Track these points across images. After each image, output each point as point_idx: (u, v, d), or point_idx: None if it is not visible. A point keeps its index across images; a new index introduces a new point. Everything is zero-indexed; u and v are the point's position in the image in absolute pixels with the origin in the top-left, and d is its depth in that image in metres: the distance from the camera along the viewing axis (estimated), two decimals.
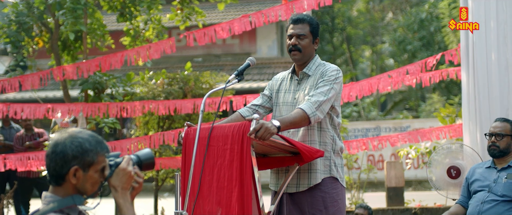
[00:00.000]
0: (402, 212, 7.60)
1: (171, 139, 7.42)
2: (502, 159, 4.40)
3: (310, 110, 3.44)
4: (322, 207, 3.57)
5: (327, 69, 3.65)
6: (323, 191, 3.59)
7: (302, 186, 3.61)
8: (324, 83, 3.57)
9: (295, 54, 3.69)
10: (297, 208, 3.62)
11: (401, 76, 6.63)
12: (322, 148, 3.60)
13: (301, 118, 3.43)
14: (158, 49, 7.36)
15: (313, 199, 3.58)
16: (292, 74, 3.80)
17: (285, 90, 3.78)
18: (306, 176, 3.60)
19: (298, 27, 3.68)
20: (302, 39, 3.67)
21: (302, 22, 3.69)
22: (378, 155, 15.22)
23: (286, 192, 3.65)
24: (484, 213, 4.25)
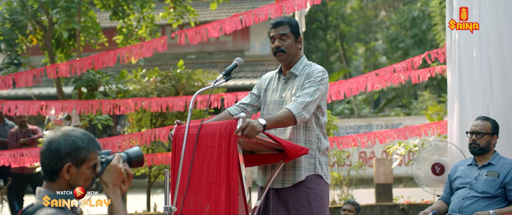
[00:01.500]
0: (390, 208, 7.74)
1: (163, 136, 7.54)
2: (482, 157, 4.54)
3: (296, 110, 3.57)
4: (305, 202, 3.70)
5: (313, 70, 3.77)
6: (307, 187, 3.72)
7: (287, 183, 3.75)
8: (310, 84, 3.70)
9: (280, 55, 3.81)
10: (282, 203, 3.75)
11: (388, 74, 6.77)
12: (308, 146, 3.72)
13: (287, 117, 3.55)
14: (150, 47, 7.48)
15: (297, 195, 3.71)
16: (280, 74, 3.92)
17: (273, 89, 3.91)
18: (291, 173, 3.73)
19: (279, 29, 3.81)
20: (284, 39, 3.80)
21: (282, 24, 3.82)
22: (370, 152, 15.37)
23: (272, 188, 3.79)
24: (464, 209, 4.39)
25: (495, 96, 5.09)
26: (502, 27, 5.13)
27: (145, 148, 8.65)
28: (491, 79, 5.12)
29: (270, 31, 3.86)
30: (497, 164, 4.47)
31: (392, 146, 8.02)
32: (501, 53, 5.11)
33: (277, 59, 3.86)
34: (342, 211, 6.28)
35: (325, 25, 26.25)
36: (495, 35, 5.15)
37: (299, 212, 3.69)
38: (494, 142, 4.55)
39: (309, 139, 3.76)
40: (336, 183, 8.75)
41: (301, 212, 3.69)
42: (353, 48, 29.29)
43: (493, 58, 5.15)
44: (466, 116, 5.26)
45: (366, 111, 21.66)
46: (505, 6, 5.16)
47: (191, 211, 3.53)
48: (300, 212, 3.69)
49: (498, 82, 5.08)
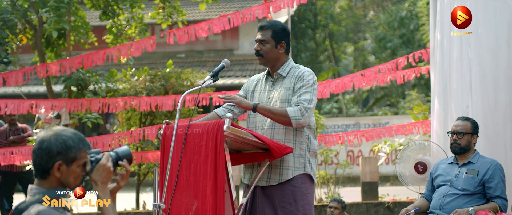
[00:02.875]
0: (376, 206, 7.88)
1: (152, 135, 7.64)
2: (463, 156, 4.67)
3: (294, 113, 3.73)
4: (292, 200, 3.82)
5: (303, 74, 3.89)
6: (293, 186, 3.83)
7: (273, 181, 3.86)
8: (306, 90, 3.83)
9: (260, 59, 3.98)
10: (268, 200, 3.86)
11: (373, 74, 6.90)
12: (298, 147, 3.85)
13: (282, 115, 3.74)
14: (139, 47, 7.58)
15: (284, 192, 3.82)
16: (267, 76, 4.05)
17: (260, 90, 4.03)
18: (278, 171, 3.84)
19: (260, 34, 3.95)
20: (263, 44, 3.94)
21: (265, 28, 3.95)
22: (357, 150, 15.51)
23: (258, 186, 3.89)
24: (445, 206, 4.52)
25: (474, 97, 5.21)
26: (481, 29, 5.26)
27: (134, 147, 8.73)
28: (471, 80, 5.25)
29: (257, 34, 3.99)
30: (476, 163, 4.61)
31: (377, 144, 8.15)
32: (480, 55, 5.24)
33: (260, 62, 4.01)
34: (328, 209, 6.40)
35: (314, 25, 26.38)
36: (475, 37, 5.28)
37: (286, 209, 3.80)
38: (474, 141, 4.69)
39: (299, 140, 3.88)
40: (323, 181, 8.88)
41: (287, 209, 3.80)
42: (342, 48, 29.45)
43: (473, 59, 5.27)
44: (447, 116, 5.40)
45: (354, 110, 21.82)
46: (484, 9, 5.29)
47: (179, 208, 3.64)
48: (287, 210, 3.80)
49: (477, 83, 5.21)
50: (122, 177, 2.52)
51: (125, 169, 2.52)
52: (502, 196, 4.47)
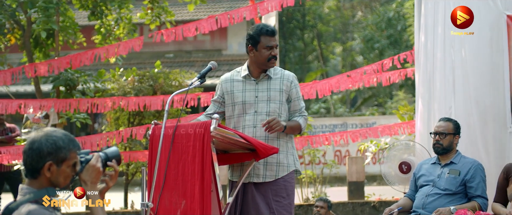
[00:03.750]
0: (362, 205, 7.98)
1: (140, 135, 7.69)
2: (445, 156, 4.77)
3: (304, 124, 4.18)
4: (285, 194, 4.08)
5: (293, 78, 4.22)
6: (286, 180, 4.10)
7: (269, 177, 4.07)
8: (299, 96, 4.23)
9: (274, 62, 4.17)
10: (261, 195, 4.05)
11: (359, 76, 6.99)
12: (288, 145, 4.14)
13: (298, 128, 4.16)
14: (127, 46, 7.64)
15: (277, 187, 4.07)
16: (247, 76, 4.16)
17: (244, 90, 4.14)
18: (274, 168, 4.07)
19: (275, 39, 4.19)
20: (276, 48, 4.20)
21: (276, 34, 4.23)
22: (345, 150, 15.63)
23: (252, 182, 4.07)
24: (427, 205, 4.61)
25: (457, 98, 5.32)
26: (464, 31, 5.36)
27: (122, 146, 8.78)
28: (454, 81, 5.35)
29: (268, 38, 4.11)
30: (458, 163, 4.70)
31: (363, 143, 8.25)
32: (463, 57, 5.34)
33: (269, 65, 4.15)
34: (315, 208, 6.49)
35: (302, 25, 26.47)
36: (458, 39, 5.38)
37: (279, 203, 4.04)
38: (456, 141, 4.79)
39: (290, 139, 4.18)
40: (310, 181, 8.97)
41: (281, 203, 4.05)
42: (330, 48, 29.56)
43: (456, 61, 5.37)
44: (431, 116, 5.50)
45: (341, 110, 21.95)
46: None
47: (167, 207, 3.71)
48: (281, 203, 4.04)
49: (460, 84, 5.31)
50: (111, 178, 2.58)
51: (113, 169, 2.59)
52: (482, 196, 4.57)
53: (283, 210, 4.03)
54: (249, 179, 4.05)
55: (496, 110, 5.20)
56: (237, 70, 4.26)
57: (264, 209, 3.99)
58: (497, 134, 5.20)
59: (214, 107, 4.21)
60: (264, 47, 4.10)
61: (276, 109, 4.06)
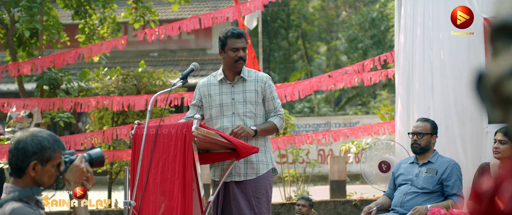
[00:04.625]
0: (343, 204, 8.08)
1: (124, 134, 7.74)
2: (423, 155, 4.88)
3: (280, 123, 4.26)
4: (264, 192, 4.22)
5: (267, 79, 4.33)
6: (265, 178, 4.25)
7: (250, 175, 4.20)
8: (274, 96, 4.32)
9: (241, 64, 4.28)
10: (242, 193, 4.17)
11: (340, 76, 7.10)
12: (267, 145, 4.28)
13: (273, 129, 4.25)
14: (110, 45, 7.71)
15: (257, 185, 4.20)
16: (224, 79, 4.29)
17: (220, 93, 4.28)
18: (254, 166, 4.20)
19: (242, 42, 4.27)
20: (244, 51, 4.29)
21: (243, 36, 4.30)
22: (328, 149, 15.73)
23: (233, 181, 4.19)
24: (405, 203, 4.72)
25: (435, 98, 5.43)
26: (443, 33, 5.48)
27: (106, 146, 8.81)
28: (432, 82, 5.47)
29: (233, 40, 4.21)
30: (435, 162, 4.82)
31: (345, 144, 8.36)
32: (441, 58, 5.46)
33: (235, 67, 4.27)
34: (296, 206, 6.58)
35: (287, 24, 26.58)
36: (436, 40, 5.50)
37: (260, 200, 4.18)
38: (433, 141, 4.90)
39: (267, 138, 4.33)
40: (292, 179, 9.05)
41: (261, 200, 4.19)
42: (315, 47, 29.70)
43: (435, 62, 5.49)
44: (410, 116, 5.61)
45: (325, 110, 22.08)
46: (445, 13, 5.51)
47: (149, 206, 3.78)
48: (261, 200, 4.18)
49: (438, 85, 5.43)
50: (88, 180, 2.64)
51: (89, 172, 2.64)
52: (458, 194, 4.69)
53: (262, 206, 4.16)
54: (230, 178, 4.19)
55: (473, 110, 5.32)
56: (213, 75, 4.42)
57: (245, 206, 4.11)
58: (474, 133, 5.32)
59: (194, 111, 4.36)
60: (231, 49, 4.23)
61: (252, 110, 4.21)
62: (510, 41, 0.74)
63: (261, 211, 4.15)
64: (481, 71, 0.77)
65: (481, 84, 0.77)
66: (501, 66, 0.73)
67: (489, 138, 5.07)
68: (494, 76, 0.74)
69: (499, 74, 0.73)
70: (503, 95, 0.73)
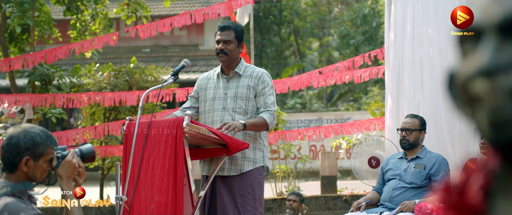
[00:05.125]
0: (334, 199, 8.14)
1: (116, 130, 7.77)
2: (412, 151, 4.95)
3: (270, 119, 4.13)
4: (250, 190, 4.16)
5: (262, 75, 4.25)
6: (253, 176, 4.18)
7: (234, 171, 4.16)
8: (269, 92, 4.23)
9: (222, 57, 4.21)
10: (227, 189, 4.15)
11: (330, 72, 7.15)
12: (258, 142, 4.20)
13: (263, 124, 4.12)
14: (102, 41, 7.73)
15: (243, 182, 4.15)
16: (221, 74, 4.28)
17: (215, 87, 4.28)
18: (239, 163, 4.15)
19: (224, 34, 4.20)
20: (228, 44, 4.20)
21: (228, 29, 4.22)
22: (320, 145, 15.81)
23: (218, 175, 4.18)
24: (394, 198, 4.79)
25: (425, 95, 5.50)
26: (432, 29, 5.54)
27: (98, 141, 8.83)
28: (422, 79, 5.54)
29: (216, 33, 4.22)
30: (424, 157, 4.88)
31: (336, 140, 8.42)
32: (431, 55, 5.53)
33: (218, 60, 4.24)
34: (287, 202, 6.63)
35: (279, 20, 26.60)
36: (426, 37, 5.56)
37: (244, 198, 4.12)
38: (422, 137, 4.96)
39: (259, 135, 4.23)
40: (284, 175, 9.11)
41: (246, 198, 4.12)
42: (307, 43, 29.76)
43: (424, 58, 5.56)
44: (400, 113, 5.68)
45: (317, 105, 22.16)
46: (435, 10, 5.57)
47: (141, 201, 3.82)
48: (245, 198, 4.12)
49: (428, 82, 5.49)
50: (80, 175, 2.68)
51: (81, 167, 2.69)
52: None
53: (247, 205, 4.09)
54: (217, 172, 4.16)
55: None
56: (214, 70, 4.40)
57: (229, 203, 4.08)
58: (463, 130, 5.39)
59: (190, 102, 4.36)
60: (215, 41, 4.25)
61: (242, 105, 4.18)
62: (476, 44, 0.79)
63: (245, 209, 4.08)
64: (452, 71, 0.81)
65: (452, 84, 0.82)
66: (468, 67, 0.78)
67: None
68: (462, 77, 0.79)
69: (467, 75, 0.78)
70: (469, 94, 0.78)
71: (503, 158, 0.82)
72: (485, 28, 0.79)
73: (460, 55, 0.84)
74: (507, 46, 0.77)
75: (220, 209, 4.12)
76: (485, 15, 0.80)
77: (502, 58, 0.76)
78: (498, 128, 0.77)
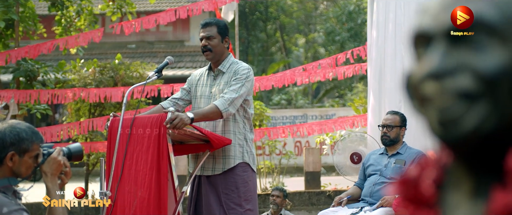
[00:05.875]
0: (318, 195, 8.23)
1: (101, 126, 7.80)
2: (392, 147, 5.04)
3: (223, 106, 3.98)
4: (234, 188, 4.15)
5: (239, 68, 4.19)
6: (236, 174, 4.15)
7: (217, 170, 4.17)
8: (237, 81, 4.11)
9: (208, 55, 4.23)
10: (212, 188, 4.17)
11: (314, 69, 7.23)
12: (237, 137, 4.16)
13: (213, 112, 3.97)
14: (86, 37, 7.75)
15: (227, 181, 4.15)
16: (209, 71, 4.32)
17: (203, 84, 4.30)
18: (221, 161, 4.15)
19: (206, 30, 4.21)
20: (211, 40, 4.21)
21: (210, 25, 4.23)
22: (305, 141, 15.90)
23: (204, 175, 4.21)
24: (375, 193, 4.88)
25: None
26: None
27: (83, 137, 8.85)
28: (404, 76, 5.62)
29: (200, 31, 4.26)
30: (404, 153, 4.98)
31: (320, 136, 8.50)
32: None
33: (205, 57, 4.26)
34: (271, 197, 6.70)
35: (265, 16, 26.65)
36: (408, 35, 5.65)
37: (229, 196, 4.12)
38: (402, 133, 5.06)
39: (238, 130, 4.19)
40: (268, 171, 9.19)
41: (230, 196, 4.12)
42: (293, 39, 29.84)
43: (406, 56, 5.65)
44: (382, 109, 5.77)
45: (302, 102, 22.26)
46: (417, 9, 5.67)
47: (125, 196, 3.87)
48: (230, 196, 4.12)
49: None
50: (66, 174, 2.73)
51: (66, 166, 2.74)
52: None
53: (231, 203, 4.09)
54: (202, 172, 4.19)
55: None
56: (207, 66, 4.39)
57: (214, 202, 4.10)
58: None
59: (181, 93, 4.37)
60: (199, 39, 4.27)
61: None
62: (426, 48, 0.86)
63: (230, 207, 4.08)
64: (408, 73, 0.88)
65: (408, 85, 0.89)
66: (420, 70, 0.85)
67: None
68: (415, 79, 0.86)
69: (418, 77, 0.85)
70: (421, 95, 0.85)
71: (452, 154, 0.90)
72: (435, 34, 0.86)
73: (413, 59, 0.91)
74: (454, 51, 0.84)
75: (205, 207, 4.14)
76: (435, 21, 0.87)
77: (449, 62, 0.84)
78: (446, 127, 0.84)
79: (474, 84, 0.81)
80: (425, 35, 0.87)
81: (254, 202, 4.23)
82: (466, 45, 0.84)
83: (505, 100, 0.81)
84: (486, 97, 0.81)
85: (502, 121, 0.81)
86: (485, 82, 0.81)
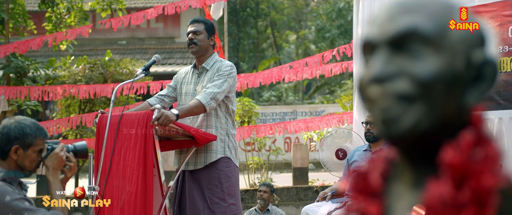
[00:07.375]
0: (305, 190, 8.35)
1: (90, 122, 7.88)
2: (376, 143, 5.15)
3: (205, 100, 4.08)
4: (217, 182, 4.24)
5: (222, 65, 4.30)
6: (218, 169, 4.25)
7: (199, 164, 4.26)
8: (219, 77, 4.22)
9: (193, 47, 4.34)
10: (196, 183, 4.27)
11: (301, 67, 7.33)
12: (219, 132, 4.26)
13: (197, 106, 4.07)
14: (75, 33, 7.84)
15: (210, 176, 4.24)
16: (194, 69, 4.42)
17: (187, 82, 4.41)
18: (203, 155, 4.25)
19: (194, 26, 4.36)
20: (198, 34, 4.33)
21: (198, 22, 4.38)
22: (295, 137, 16.01)
23: (187, 170, 4.30)
24: None
25: None
26: None
27: (73, 133, 8.93)
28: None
29: (188, 27, 4.38)
30: None
31: (309, 132, 8.62)
32: None
33: (189, 51, 4.38)
34: (258, 193, 6.81)
35: (256, 13, 26.72)
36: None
37: (212, 191, 4.22)
38: None
39: (220, 126, 4.28)
40: (257, 167, 9.29)
41: (213, 191, 4.22)
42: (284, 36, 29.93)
43: None
44: None
45: (292, 98, 22.37)
46: None
47: (113, 191, 3.97)
48: (213, 191, 4.22)
49: None
50: (70, 169, 2.87)
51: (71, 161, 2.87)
52: None
53: (215, 197, 4.18)
54: (186, 167, 4.28)
55: None
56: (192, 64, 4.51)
57: (198, 196, 4.19)
58: None
59: (167, 90, 4.48)
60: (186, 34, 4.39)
61: None
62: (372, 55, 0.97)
63: (213, 201, 4.17)
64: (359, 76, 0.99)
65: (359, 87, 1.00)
66: (366, 74, 0.96)
67: None
68: (363, 82, 0.96)
69: (365, 80, 0.95)
70: (368, 96, 0.96)
71: (396, 150, 1.00)
72: (379, 42, 0.97)
73: (362, 64, 1.01)
74: (394, 59, 0.95)
75: (190, 202, 4.22)
76: (379, 31, 0.98)
77: (390, 68, 0.94)
78: (387, 125, 0.95)
79: (412, 88, 0.92)
80: (371, 44, 0.98)
81: (237, 196, 4.33)
82: (405, 53, 0.94)
83: (439, 102, 0.92)
84: (422, 99, 0.92)
85: (437, 120, 0.92)
86: (421, 86, 0.91)
